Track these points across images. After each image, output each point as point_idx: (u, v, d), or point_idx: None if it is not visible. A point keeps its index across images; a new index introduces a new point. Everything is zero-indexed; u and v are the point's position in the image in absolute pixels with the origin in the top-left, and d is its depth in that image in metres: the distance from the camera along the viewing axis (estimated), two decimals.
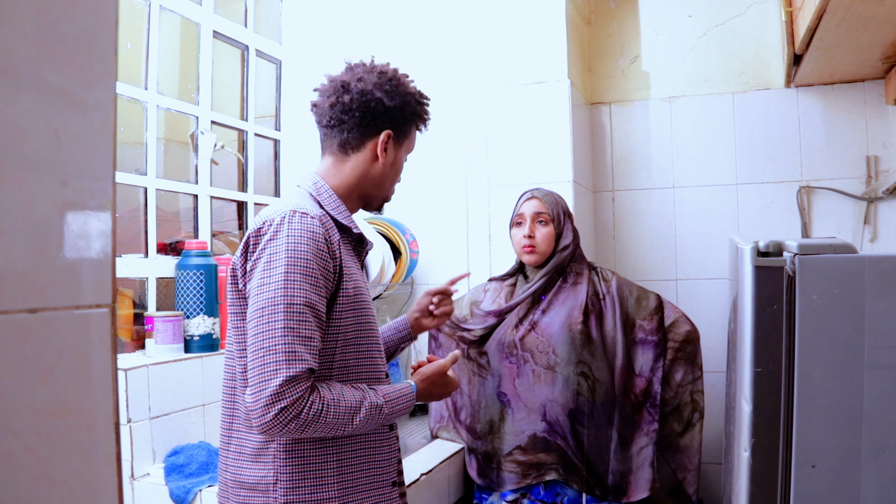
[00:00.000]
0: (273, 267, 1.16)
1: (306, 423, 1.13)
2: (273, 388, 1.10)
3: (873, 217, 2.43)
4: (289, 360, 1.12)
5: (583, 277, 1.99)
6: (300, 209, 1.22)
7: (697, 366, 2.00)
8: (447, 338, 2.09)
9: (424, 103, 1.40)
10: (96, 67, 0.48)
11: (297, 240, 1.18)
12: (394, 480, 1.32)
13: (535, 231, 1.97)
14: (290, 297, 1.14)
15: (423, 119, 1.41)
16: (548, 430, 1.89)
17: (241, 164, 2.50)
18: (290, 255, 1.16)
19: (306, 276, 1.16)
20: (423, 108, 1.40)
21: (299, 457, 1.21)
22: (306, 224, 1.20)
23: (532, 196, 2.01)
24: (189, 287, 1.95)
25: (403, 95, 1.35)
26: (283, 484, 1.20)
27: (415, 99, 1.38)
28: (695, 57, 2.65)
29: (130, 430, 1.65)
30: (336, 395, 1.17)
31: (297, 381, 1.12)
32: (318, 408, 1.14)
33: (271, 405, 1.10)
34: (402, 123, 1.37)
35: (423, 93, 1.41)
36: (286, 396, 1.11)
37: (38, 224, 0.44)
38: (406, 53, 2.56)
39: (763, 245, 1.39)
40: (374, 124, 1.34)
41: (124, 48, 2.09)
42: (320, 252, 1.19)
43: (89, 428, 0.47)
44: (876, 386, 1.29)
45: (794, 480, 1.33)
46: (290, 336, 1.13)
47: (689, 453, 1.98)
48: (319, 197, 1.31)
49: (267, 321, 1.14)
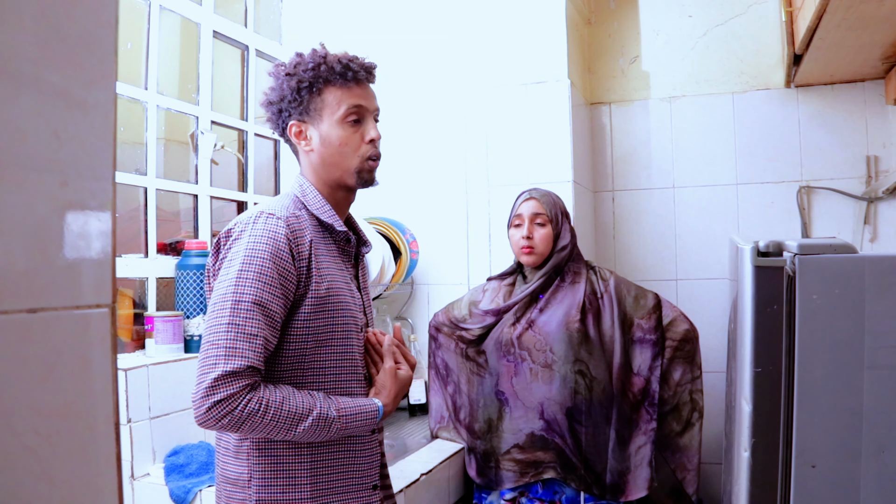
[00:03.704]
0: (231, 266, 1.18)
1: (241, 420, 1.11)
2: (209, 381, 1.11)
3: (873, 217, 2.43)
4: (227, 356, 1.12)
5: (580, 277, 1.99)
6: (269, 210, 1.23)
7: (696, 365, 1.99)
8: (446, 337, 2.09)
9: (318, 65, 1.27)
10: (96, 67, 0.48)
11: (256, 241, 1.19)
12: (375, 484, 1.30)
13: (533, 232, 1.97)
14: (238, 294, 1.15)
15: (329, 79, 1.27)
16: (545, 428, 1.90)
17: (241, 164, 2.50)
18: (247, 255, 1.18)
19: (260, 275, 1.16)
20: (320, 70, 1.27)
21: (271, 455, 1.21)
22: (269, 225, 1.20)
23: (530, 196, 2.01)
24: (189, 287, 1.95)
25: (285, 77, 1.28)
26: (255, 481, 1.21)
27: (305, 69, 1.27)
28: (695, 57, 2.65)
29: (130, 430, 1.64)
30: (280, 399, 1.15)
31: (235, 376, 1.11)
32: (255, 407, 1.12)
33: (206, 398, 1.11)
34: (298, 102, 1.29)
35: (320, 57, 1.27)
36: (220, 391, 1.10)
37: (38, 224, 0.44)
38: (406, 53, 2.56)
39: (763, 245, 1.39)
40: (281, 121, 1.32)
41: (124, 48, 2.09)
42: (279, 253, 1.19)
43: (89, 428, 0.47)
44: (876, 386, 1.29)
45: (794, 480, 1.33)
46: (232, 332, 1.13)
47: (688, 453, 1.98)
48: (305, 198, 1.31)
49: (214, 317, 1.16)
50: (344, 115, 1.28)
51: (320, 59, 1.27)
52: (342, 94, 1.29)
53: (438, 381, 2.11)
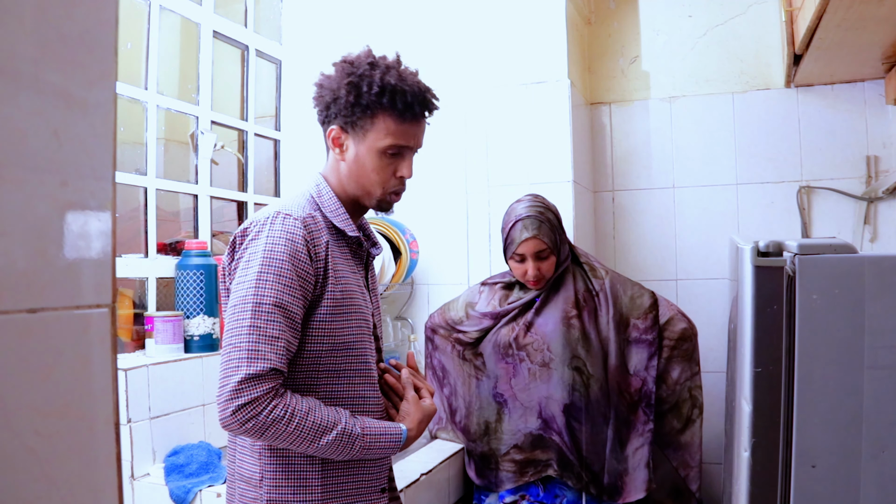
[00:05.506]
0: (249, 267, 1.18)
1: (265, 425, 1.11)
2: (233, 384, 1.11)
3: (873, 217, 2.43)
4: (250, 358, 1.12)
5: (568, 272, 1.99)
6: (285, 210, 1.22)
7: (695, 362, 1.99)
8: (443, 339, 2.09)
9: (385, 89, 1.23)
10: (96, 67, 0.48)
11: (274, 241, 1.18)
12: (383, 487, 1.30)
13: (539, 267, 1.92)
14: (259, 296, 1.15)
15: (386, 107, 1.24)
16: (543, 426, 1.90)
17: (241, 164, 2.50)
18: (266, 255, 1.17)
19: (279, 276, 1.16)
20: (383, 96, 1.23)
21: (283, 456, 1.21)
22: (287, 226, 1.19)
23: (532, 236, 1.89)
24: (189, 287, 1.95)
25: (346, 84, 1.24)
26: (267, 481, 1.21)
27: (371, 87, 1.23)
28: (695, 57, 2.65)
29: (130, 430, 1.65)
30: (306, 409, 1.14)
31: (258, 379, 1.11)
32: (280, 413, 1.11)
33: (230, 401, 1.10)
34: (350, 114, 1.25)
35: (390, 80, 1.24)
36: (244, 394, 1.10)
37: (38, 224, 0.44)
38: (406, 53, 2.55)
39: (763, 245, 1.39)
40: (327, 118, 1.30)
41: (124, 48, 2.09)
42: (297, 254, 1.18)
43: (89, 428, 0.47)
44: (876, 386, 1.29)
45: (794, 480, 1.33)
46: (255, 335, 1.13)
47: (690, 450, 1.97)
48: (320, 199, 1.30)
49: (235, 319, 1.15)
50: (385, 147, 1.26)
51: (390, 84, 1.23)
52: (393, 128, 1.25)
53: (435, 382, 2.11)
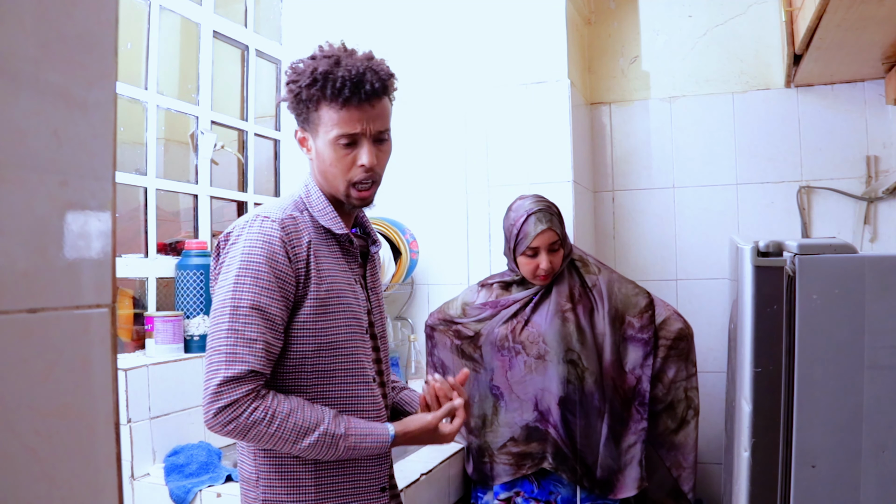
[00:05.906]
0: (228, 271, 1.19)
1: (246, 427, 1.12)
2: (213, 387, 1.12)
3: (873, 217, 2.43)
4: (229, 361, 1.13)
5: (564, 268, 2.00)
6: (263, 213, 1.23)
7: (691, 362, 1.99)
8: (441, 334, 2.08)
9: (317, 79, 1.20)
10: (96, 67, 0.48)
11: (251, 244, 1.19)
12: (383, 486, 1.30)
13: (551, 260, 1.92)
14: (236, 299, 1.16)
15: (325, 97, 1.21)
16: (539, 419, 1.90)
17: (241, 164, 2.50)
18: (243, 259, 1.18)
19: (256, 279, 1.17)
20: (315, 86, 1.20)
21: (275, 456, 1.22)
22: (264, 228, 1.20)
23: (547, 228, 1.90)
24: (189, 287, 1.95)
25: (287, 85, 1.25)
26: (262, 481, 1.23)
27: (305, 79, 1.21)
28: (695, 57, 2.65)
29: (130, 430, 1.65)
30: (287, 410, 1.15)
31: (237, 381, 1.12)
32: (260, 416, 1.12)
33: (211, 404, 1.12)
34: (298, 112, 1.26)
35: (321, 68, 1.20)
36: (224, 396, 1.12)
37: (38, 224, 0.44)
38: (406, 53, 2.56)
39: (763, 245, 1.39)
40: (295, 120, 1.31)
41: (124, 48, 2.09)
42: (274, 255, 1.18)
43: (89, 428, 0.47)
44: (876, 386, 1.29)
45: (794, 480, 1.33)
46: (233, 338, 1.14)
47: (683, 450, 1.97)
48: (308, 199, 1.30)
49: (216, 323, 1.17)
50: (335, 138, 1.23)
51: (320, 75, 1.20)
52: (336, 117, 1.21)
53: None
